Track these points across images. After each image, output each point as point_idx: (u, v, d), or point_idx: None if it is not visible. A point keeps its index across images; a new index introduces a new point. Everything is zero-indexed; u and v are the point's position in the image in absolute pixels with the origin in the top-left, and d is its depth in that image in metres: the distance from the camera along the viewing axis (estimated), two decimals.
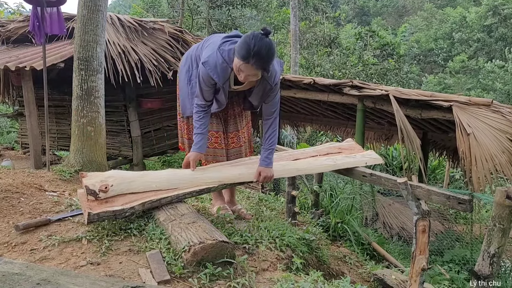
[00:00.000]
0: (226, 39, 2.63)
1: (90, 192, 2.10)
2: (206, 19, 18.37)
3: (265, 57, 2.41)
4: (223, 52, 2.55)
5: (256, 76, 2.52)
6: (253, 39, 2.37)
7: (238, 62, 2.43)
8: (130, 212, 2.38)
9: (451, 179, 10.23)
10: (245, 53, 2.37)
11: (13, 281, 1.61)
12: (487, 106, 4.76)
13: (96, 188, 2.10)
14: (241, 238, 2.57)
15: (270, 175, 2.80)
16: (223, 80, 2.63)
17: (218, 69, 2.56)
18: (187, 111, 3.00)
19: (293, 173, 3.13)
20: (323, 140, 12.56)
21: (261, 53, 2.38)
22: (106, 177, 2.19)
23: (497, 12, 28.42)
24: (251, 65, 2.40)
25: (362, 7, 46.11)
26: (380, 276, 3.29)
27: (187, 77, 2.94)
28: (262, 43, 2.37)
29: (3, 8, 12.78)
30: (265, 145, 2.83)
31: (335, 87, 5.95)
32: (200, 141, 2.73)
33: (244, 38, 2.42)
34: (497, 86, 23.01)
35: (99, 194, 2.11)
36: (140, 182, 2.28)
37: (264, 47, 2.37)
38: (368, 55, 17.97)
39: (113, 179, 2.17)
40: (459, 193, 2.80)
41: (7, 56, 6.03)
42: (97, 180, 2.15)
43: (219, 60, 2.54)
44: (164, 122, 8.20)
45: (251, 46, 2.35)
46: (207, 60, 2.55)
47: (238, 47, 2.43)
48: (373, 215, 6.51)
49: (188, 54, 3.02)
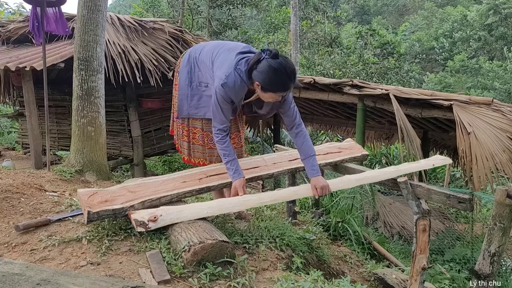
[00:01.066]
0: (240, 56, 2.59)
1: (139, 223, 2.07)
2: (206, 19, 18.38)
3: (296, 75, 2.48)
4: (240, 72, 2.53)
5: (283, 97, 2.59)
6: (280, 68, 2.39)
7: (277, 95, 2.49)
8: (130, 211, 2.37)
9: (451, 178, 10.22)
10: (283, 84, 2.44)
11: (13, 281, 1.61)
12: (487, 105, 4.75)
13: (145, 219, 2.09)
14: (241, 238, 2.58)
15: (325, 184, 2.74)
16: (240, 99, 2.66)
17: (236, 90, 2.56)
18: (183, 112, 3.00)
19: (353, 184, 3.08)
20: (324, 139, 12.57)
21: (294, 74, 2.45)
22: (154, 210, 2.19)
23: (497, 11, 28.39)
24: (290, 89, 2.49)
25: (363, 6, 46.08)
26: (380, 276, 3.29)
27: (188, 78, 2.93)
28: (288, 66, 2.42)
29: (3, 9, 12.78)
30: (303, 155, 2.81)
31: (335, 86, 5.95)
32: (235, 167, 2.67)
33: (271, 71, 2.41)
34: (497, 85, 22.99)
35: (149, 224, 2.09)
36: (189, 211, 2.27)
37: (291, 67, 2.43)
38: (368, 54, 17.95)
39: (161, 211, 2.17)
40: (460, 192, 2.80)
41: (8, 56, 6.03)
42: (146, 213, 2.15)
43: (238, 81, 2.53)
44: (165, 122, 8.20)
45: (285, 76, 2.41)
46: (226, 81, 2.52)
47: (271, 82, 2.43)
48: (373, 214, 6.51)
49: (189, 55, 2.99)
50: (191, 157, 3.12)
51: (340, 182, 2.95)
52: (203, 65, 2.84)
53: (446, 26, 33.07)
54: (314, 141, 12.97)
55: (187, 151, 3.10)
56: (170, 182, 2.69)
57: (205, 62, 2.83)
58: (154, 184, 2.62)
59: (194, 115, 2.96)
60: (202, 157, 3.07)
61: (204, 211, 2.32)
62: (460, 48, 31.07)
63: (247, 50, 2.66)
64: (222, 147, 2.67)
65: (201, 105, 2.90)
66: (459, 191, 2.82)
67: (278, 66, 2.39)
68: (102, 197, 2.39)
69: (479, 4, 30.97)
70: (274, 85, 2.44)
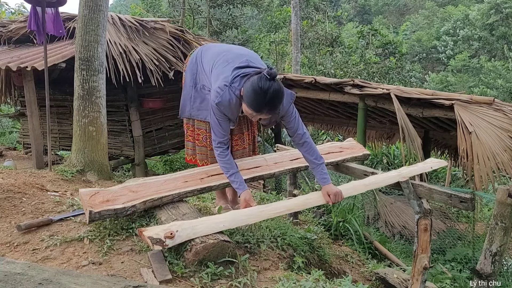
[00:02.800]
0: (236, 72, 2.54)
1: (156, 241, 2.00)
2: (207, 19, 18.38)
3: (277, 105, 2.42)
4: (235, 90, 2.48)
5: (268, 118, 2.57)
6: (261, 89, 2.32)
7: (249, 111, 2.43)
8: (131, 211, 2.37)
9: (452, 178, 10.21)
10: (257, 106, 2.38)
11: (15, 281, 1.61)
12: (488, 104, 4.75)
13: (161, 236, 2.05)
14: (242, 238, 2.58)
15: (338, 191, 2.72)
16: (236, 115, 2.64)
17: (231, 107, 2.54)
18: (185, 112, 3.00)
19: (361, 189, 3.07)
20: (324, 139, 12.56)
21: (273, 102, 2.38)
22: (168, 226, 2.16)
23: (499, 10, 28.34)
24: (264, 114, 2.44)
25: (363, 5, 46.02)
26: (382, 275, 3.29)
27: (193, 80, 2.94)
28: (271, 91, 2.33)
29: (4, 9, 12.79)
30: (312, 165, 2.79)
31: (336, 86, 5.95)
32: (238, 180, 2.65)
33: (252, 87, 2.36)
34: (499, 84, 22.96)
35: (166, 241, 2.04)
36: (205, 225, 2.24)
37: (275, 95, 2.35)
38: (370, 54, 17.93)
39: (175, 226, 2.14)
40: (461, 191, 2.80)
41: (9, 56, 6.03)
42: (159, 230, 2.10)
43: (232, 99, 2.49)
44: (166, 122, 8.21)
45: (262, 98, 2.34)
46: (220, 101, 2.48)
47: (248, 98, 2.39)
48: (374, 214, 6.51)
49: (197, 57, 2.97)
50: (194, 158, 3.11)
51: (351, 188, 2.95)
52: (205, 71, 2.84)
53: (449, 25, 33.02)
54: (315, 141, 12.96)
55: (191, 151, 3.10)
56: (172, 182, 2.68)
57: (206, 68, 2.82)
58: (156, 184, 2.62)
59: (195, 116, 2.96)
60: (205, 159, 3.07)
61: (221, 225, 2.28)
62: (461, 48, 31.03)
63: (244, 64, 2.59)
64: (223, 160, 2.65)
65: (203, 108, 2.90)
66: (460, 191, 2.82)
67: (262, 87, 2.32)
68: (103, 197, 2.39)
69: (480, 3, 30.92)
70: (251, 100, 2.39)
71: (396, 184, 3.02)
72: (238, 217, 2.39)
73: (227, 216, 2.42)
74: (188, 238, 2.13)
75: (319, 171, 2.75)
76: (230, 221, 2.34)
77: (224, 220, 2.32)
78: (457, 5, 37.17)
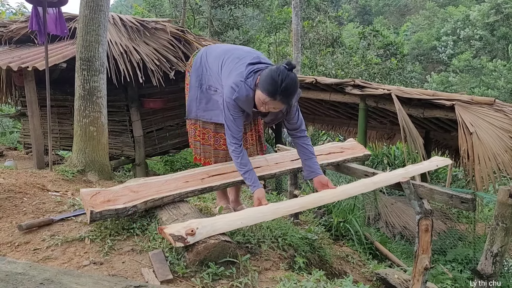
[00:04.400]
0: (250, 68, 2.59)
1: (177, 238, 2.03)
2: (208, 19, 18.37)
3: (292, 94, 2.46)
4: (250, 84, 2.54)
5: (279, 109, 2.57)
6: (279, 75, 2.38)
7: (263, 96, 2.46)
8: (132, 211, 2.38)
9: (453, 178, 10.20)
10: (272, 89, 2.41)
11: (17, 280, 1.62)
12: (489, 105, 4.75)
13: (182, 233, 2.06)
14: (243, 238, 2.57)
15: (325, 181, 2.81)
16: (251, 109, 2.67)
17: (249, 101, 2.59)
18: (191, 113, 3.01)
19: (371, 187, 3.09)
20: (325, 139, 12.56)
21: (288, 90, 2.42)
22: (188, 223, 2.17)
23: (500, 10, 28.31)
24: (277, 101, 2.45)
25: (364, 6, 46.01)
26: (382, 276, 3.29)
27: (199, 81, 2.95)
28: (288, 79, 2.39)
29: (5, 9, 12.79)
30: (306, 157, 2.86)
31: (337, 86, 5.95)
32: (252, 178, 2.67)
33: (271, 73, 2.42)
34: (500, 84, 22.94)
35: (187, 238, 2.05)
36: (223, 222, 2.26)
37: (291, 84, 2.41)
38: (371, 54, 17.92)
39: (195, 223, 2.15)
40: (462, 192, 2.80)
41: (10, 56, 6.04)
42: (180, 227, 2.12)
43: (250, 94, 2.55)
44: (167, 122, 8.21)
45: (279, 83, 2.38)
46: (238, 96, 2.53)
47: (264, 82, 2.44)
48: (375, 214, 6.50)
49: (202, 57, 2.98)
50: (202, 157, 3.12)
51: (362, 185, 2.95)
52: (212, 70, 2.85)
53: (449, 25, 33.00)
54: (315, 141, 12.97)
55: (200, 151, 3.11)
56: (173, 182, 2.69)
57: (213, 68, 2.83)
58: (157, 184, 2.63)
59: (201, 117, 2.97)
60: (209, 158, 3.09)
61: (238, 222, 2.31)
62: (462, 48, 31.00)
63: (256, 61, 2.65)
64: (238, 156, 2.66)
65: (209, 108, 2.91)
66: (461, 191, 2.82)
67: (280, 73, 2.39)
68: (104, 196, 2.39)
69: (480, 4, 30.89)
70: (267, 84, 2.43)
71: (397, 185, 3.02)
72: (255, 214, 2.41)
73: (244, 213, 2.45)
74: (208, 235, 2.15)
75: (314, 162, 2.85)
76: (247, 218, 2.37)
77: (241, 217, 2.35)
78: (458, 6, 37.16)
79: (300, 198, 2.82)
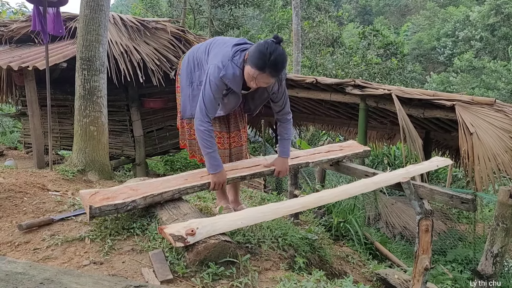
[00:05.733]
0: (236, 48, 2.61)
1: (177, 238, 2.04)
2: (208, 19, 18.38)
3: (280, 66, 2.47)
4: (237, 62, 2.56)
5: (268, 83, 2.58)
6: (267, 48, 2.41)
7: (252, 71, 2.47)
8: (132, 206, 2.37)
9: (453, 179, 10.20)
10: (261, 63, 2.42)
11: (17, 280, 1.62)
12: (490, 105, 4.74)
13: (182, 233, 2.06)
14: (243, 238, 2.57)
15: (286, 168, 3.00)
16: (240, 88, 2.69)
17: (236, 80, 2.60)
18: (186, 113, 3.01)
19: (372, 187, 3.12)
20: (325, 139, 12.55)
21: (277, 63, 2.43)
22: (188, 223, 2.17)
23: (500, 11, 28.29)
24: (266, 74, 2.46)
25: (364, 6, 46.00)
26: (382, 276, 3.29)
27: (189, 79, 2.95)
28: (277, 52, 2.42)
29: (5, 8, 12.79)
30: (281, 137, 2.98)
31: (337, 86, 5.94)
32: (216, 159, 2.66)
33: (258, 47, 2.45)
34: (500, 85, 22.92)
35: (188, 238, 2.04)
36: (223, 222, 2.26)
37: (279, 56, 2.43)
38: (371, 54, 17.92)
39: (196, 223, 2.15)
40: (462, 192, 2.80)
41: (10, 56, 6.04)
42: (180, 227, 2.12)
43: (236, 72, 2.56)
44: (167, 122, 8.21)
45: (267, 55, 2.40)
46: (225, 74, 2.54)
47: (252, 56, 2.46)
48: (375, 214, 6.50)
49: (189, 56, 3.01)
50: (197, 154, 3.13)
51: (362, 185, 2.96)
52: (200, 63, 2.86)
53: (449, 26, 33.00)
54: (315, 141, 12.98)
55: (196, 148, 3.11)
56: (172, 180, 2.69)
57: (201, 59, 2.84)
58: (156, 183, 2.63)
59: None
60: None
61: (238, 222, 2.32)
62: (462, 48, 30.98)
63: (242, 42, 2.68)
64: (209, 135, 2.61)
65: None
66: (461, 192, 2.82)
67: (268, 47, 2.42)
68: (103, 195, 2.39)
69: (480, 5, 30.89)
70: (255, 58, 2.45)
71: (397, 185, 3.02)
72: (255, 214, 2.42)
73: (245, 213, 2.46)
74: (208, 235, 2.15)
75: (286, 144, 3.00)
76: (247, 218, 2.37)
77: (242, 217, 2.36)
78: (458, 6, 37.15)
79: (300, 198, 2.82)
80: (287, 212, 2.58)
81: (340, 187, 2.84)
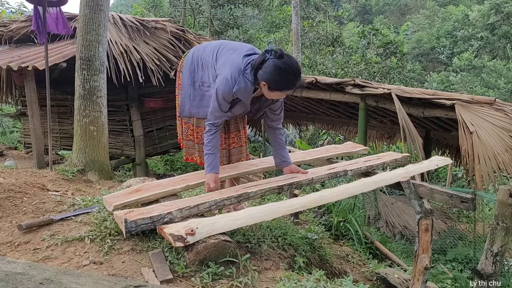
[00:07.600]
0: (246, 59, 2.63)
1: (177, 238, 2.02)
2: (208, 18, 18.38)
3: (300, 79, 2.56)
4: (248, 76, 2.59)
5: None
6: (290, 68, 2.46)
7: (283, 94, 2.58)
8: (168, 218, 2.26)
9: (453, 178, 10.19)
10: (291, 85, 2.52)
11: (16, 280, 1.62)
12: (490, 104, 4.74)
13: (182, 233, 2.04)
14: (243, 237, 2.57)
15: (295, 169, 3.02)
16: (249, 100, 2.74)
17: (247, 93, 2.65)
18: (184, 111, 3.00)
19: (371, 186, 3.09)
20: (325, 138, 12.55)
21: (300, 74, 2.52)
22: (188, 223, 2.15)
23: (499, 10, 28.29)
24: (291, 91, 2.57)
25: (364, 5, 45.97)
26: (383, 275, 3.29)
27: (191, 78, 2.94)
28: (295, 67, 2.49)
29: (4, 8, 12.78)
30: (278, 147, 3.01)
31: (337, 85, 5.94)
32: (213, 162, 2.74)
33: (278, 71, 2.46)
34: (500, 84, 22.92)
35: (187, 238, 2.03)
36: (223, 222, 2.25)
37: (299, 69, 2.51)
38: (371, 53, 17.91)
39: (195, 223, 2.13)
40: (462, 191, 2.80)
41: (10, 56, 6.04)
42: (180, 227, 2.10)
43: (248, 85, 2.60)
44: (167, 122, 8.21)
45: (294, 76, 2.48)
46: (238, 88, 2.58)
47: (274, 80, 2.49)
48: (375, 214, 6.50)
49: (193, 54, 2.99)
50: (195, 157, 3.12)
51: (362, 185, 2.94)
52: (205, 65, 2.85)
53: (448, 26, 32.99)
54: (315, 141, 12.97)
55: (192, 150, 3.11)
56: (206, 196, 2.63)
57: (207, 61, 2.83)
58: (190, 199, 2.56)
59: (196, 114, 2.97)
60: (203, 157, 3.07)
61: (238, 221, 2.31)
62: (462, 48, 30.97)
63: (251, 52, 2.68)
64: (213, 136, 2.74)
65: (203, 105, 2.90)
66: (461, 191, 2.82)
67: (284, 66, 2.45)
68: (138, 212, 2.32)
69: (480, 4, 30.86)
70: (282, 85, 2.50)
71: (397, 184, 3.02)
72: (255, 214, 2.41)
73: (244, 213, 2.45)
74: (208, 235, 2.14)
75: (286, 152, 3.06)
76: (247, 218, 2.36)
77: (241, 217, 2.35)
78: (458, 5, 37.13)
79: (300, 198, 2.82)
80: (287, 211, 2.57)
81: (340, 187, 2.83)
